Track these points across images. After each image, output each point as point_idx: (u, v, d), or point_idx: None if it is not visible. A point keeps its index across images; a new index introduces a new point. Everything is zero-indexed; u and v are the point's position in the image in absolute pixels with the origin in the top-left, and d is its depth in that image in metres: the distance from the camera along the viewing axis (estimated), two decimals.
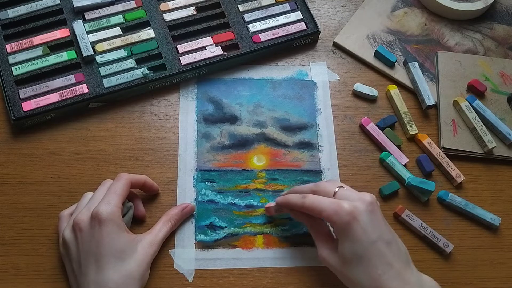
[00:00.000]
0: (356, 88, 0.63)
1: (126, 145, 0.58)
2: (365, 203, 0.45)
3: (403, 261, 0.45)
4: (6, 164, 0.55)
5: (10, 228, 0.52)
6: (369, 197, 0.46)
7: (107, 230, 0.46)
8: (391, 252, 0.45)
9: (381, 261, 0.44)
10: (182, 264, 0.52)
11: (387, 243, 0.45)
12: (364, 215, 0.45)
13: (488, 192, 0.59)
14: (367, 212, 0.45)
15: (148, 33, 0.62)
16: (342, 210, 0.45)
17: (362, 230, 0.44)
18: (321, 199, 0.47)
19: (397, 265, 0.44)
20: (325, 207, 0.46)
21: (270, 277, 0.52)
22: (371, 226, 0.44)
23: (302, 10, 0.66)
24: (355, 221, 0.44)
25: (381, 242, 0.44)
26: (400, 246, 0.46)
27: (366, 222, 0.44)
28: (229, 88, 0.62)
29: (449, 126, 0.61)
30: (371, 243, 0.44)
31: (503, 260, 0.56)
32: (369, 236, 0.44)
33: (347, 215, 0.44)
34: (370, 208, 0.45)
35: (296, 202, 0.49)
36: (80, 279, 0.46)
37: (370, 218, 0.45)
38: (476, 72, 0.65)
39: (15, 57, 0.59)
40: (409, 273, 0.45)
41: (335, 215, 0.45)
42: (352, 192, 0.48)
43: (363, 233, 0.44)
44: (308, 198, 0.47)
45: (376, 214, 0.46)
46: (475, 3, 0.69)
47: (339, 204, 0.45)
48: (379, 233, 0.45)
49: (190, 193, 0.56)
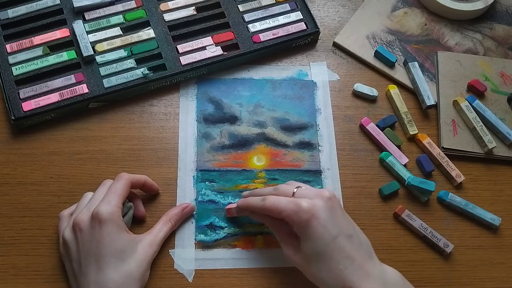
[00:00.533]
0: (356, 88, 0.63)
1: (126, 145, 0.58)
2: (323, 200, 0.45)
3: (365, 254, 0.45)
4: (6, 164, 0.55)
5: (10, 228, 0.52)
6: (327, 193, 0.46)
7: (107, 230, 0.46)
8: (352, 246, 0.45)
9: (342, 256, 0.44)
10: (182, 264, 0.52)
11: (348, 237, 0.45)
12: (323, 211, 0.45)
13: (488, 192, 0.59)
14: (326, 208, 0.45)
15: (148, 33, 0.62)
16: (301, 209, 0.45)
17: (322, 227, 0.44)
18: (280, 200, 0.47)
19: (359, 258, 0.44)
20: (284, 207, 0.46)
21: (270, 277, 0.52)
22: (331, 222, 0.45)
23: (302, 10, 0.66)
24: (314, 218, 0.44)
25: (342, 237, 0.44)
26: (361, 239, 0.46)
27: (325, 219, 0.44)
28: (229, 88, 0.62)
29: (449, 126, 0.61)
30: (331, 239, 0.44)
31: (503, 260, 0.56)
32: (329, 232, 0.44)
33: (306, 213, 0.44)
34: (328, 204, 0.45)
35: (256, 204, 0.49)
36: (80, 279, 0.46)
37: (329, 214, 0.45)
38: (476, 72, 0.65)
39: (15, 57, 0.59)
40: (371, 265, 0.45)
41: (294, 215, 0.45)
42: (310, 190, 0.48)
43: (323, 230, 0.44)
44: (268, 199, 0.47)
45: (335, 209, 0.46)
46: (475, 3, 0.69)
47: (297, 203, 0.45)
48: (339, 228, 0.45)
49: (190, 193, 0.56)
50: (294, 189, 0.48)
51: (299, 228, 0.45)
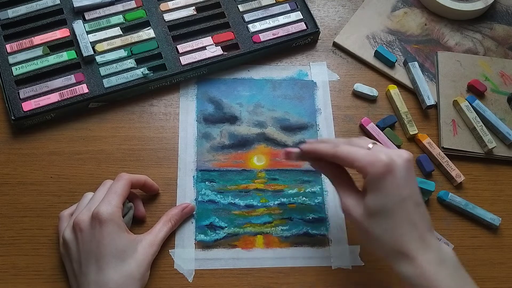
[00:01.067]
0: (356, 88, 0.63)
1: (126, 145, 0.58)
2: (402, 159, 0.44)
3: (427, 225, 0.44)
4: (6, 164, 0.55)
5: (10, 228, 0.52)
6: (407, 154, 0.45)
7: (108, 230, 0.46)
8: (418, 214, 0.44)
9: (406, 220, 0.43)
10: (182, 264, 0.52)
11: (416, 203, 0.44)
12: (400, 169, 0.43)
13: (488, 192, 0.59)
14: (403, 167, 0.44)
15: (148, 33, 0.62)
16: (379, 161, 0.43)
17: (396, 185, 0.43)
18: (357, 149, 0.45)
19: (421, 227, 0.43)
20: (360, 157, 0.44)
21: (270, 277, 0.52)
22: (405, 182, 0.43)
23: (302, 10, 0.66)
24: (390, 174, 0.43)
25: (411, 201, 0.43)
26: (425, 211, 0.45)
27: (401, 177, 0.43)
28: (229, 88, 0.62)
29: (449, 126, 0.61)
30: (401, 199, 0.43)
31: (503, 260, 0.56)
32: (401, 191, 0.43)
33: (384, 166, 0.43)
34: (407, 165, 0.44)
35: (327, 150, 0.47)
36: (81, 279, 0.46)
37: (405, 174, 0.44)
38: (476, 72, 0.65)
39: (15, 57, 0.59)
40: (430, 237, 0.44)
41: (370, 166, 0.43)
42: (388, 149, 0.46)
43: (396, 188, 0.43)
44: (342, 147, 0.46)
45: (411, 172, 0.44)
46: (475, 3, 0.69)
47: (376, 155, 0.44)
48: (410, 192, 0.44)
49: (190, 193, 0.56)
50: (370, 144, 0.46)
51: (372, 180, 0.44)
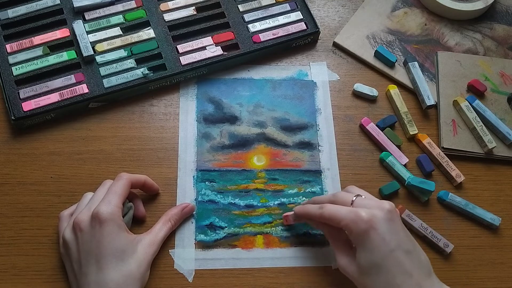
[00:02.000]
0: (356, 88, 0.63)
1: (126, 145, 0.58)
2: (383, 211, 0.45)
3: (424, 271, 0.44)
4: (6, 164, 0.55)
5: (10, 228, 0.52)
6: (388, 205, 0.46)
7: (108, 230, 0.46)
8: (411, 262, 0.44)
9: (399, 271, 0.43)
10: (182, 264, 0.52)
11: (407, 252, 0.44)
12: (382, 223, 0.44)
13: (488, 192, 0.59)
14: (386, 220, 0.44)
15: (148, 33, 0.62)
16: (360, 218, 0.44)
17: (380, 239, 0.43)
18: (339, 208, 0.46)
19: (417, 275, 0.43)
20: (343, 216, 0.45)
21: (270, 277, 0.52)
22: (390, 234, 0.44)
23: (302, 10, 0.66)
24: (372, 229, 0.44)
25: (400, 251, 0.44)
26: (420, 256, 0.45)
27: (384, 231, 0.44)
28: (229, 88, 0.62)
29: (449, 126, 0.61)
30: (389, 251, 0.43)
31: (503, 260, 0.56)
32: (387, 244, 0.43)
33: (365, 223, 0.44)
34: (388, 216, 0.45)
35: (314, 212, 0.48)
36: (81, 279, 0.46)
37: (389, 226, 0.44)
38: (476, 72, 0.65)
39: (15, 57, 0.59)
40: (429, 283, 0.44)
41: (353, 224, 0.44)
42: (371, 200, 0.47)
43: (381, 242, 0.43)
44: (326, 208, 0.47)
45: (395, 222, 0.45)
46: (475, 3, 0.69)
47: (357, 212, 0.45)
48: (397, 242, 0.44)
49: (190, 193, 0.56)
50: (353, 197, 0.47)
51: (357, 238, 0.45)
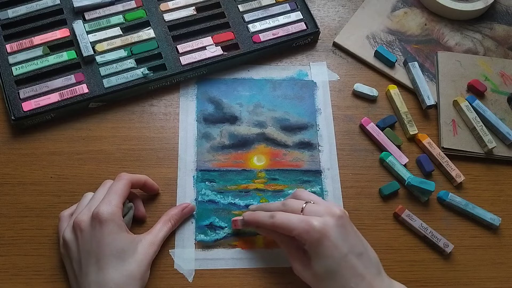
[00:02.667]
0: (356, 88, 0.63)
1: (126, 145, 0.58)
2: (334, 218, 0.45)
3: (374, 271, 0.45)
4: (6, 164, 0.55)
5: (10, 228, 0.52)
6: (338, 211, 0.46)
7: (108, 230, 0.46)
8: (362, 264, 0.45)
9: (352, 274, 0.44)
10: (182, 264, 0.52)
11: (358, 255, 0.45)
12: (334, 230, 0.45)
13: (488, 192, 0.59)
14: (337, 226, 0.45)
15: (148, 33, 0.62)
16: (312, 228, 0.44)
17: (333, 246, 0.44)
18: (291, 218, 0.46)
19: (368, 276, 0.45)
20: (295, 226, 0.45)
21: (270, 277, 0.52)
22: (342, 240, 0.45)
23: (302, 10, 0.66)
24: (325, 237, 0.44)
25: (352, 255, 0.44)
26: (370, 256, 0.46)
27: (337, 237, 0.44)
28: (229, 88, 0.62)
29: (449, 126, 0.61)
30: (342, 257, 0.44)
31: (503, 260, 0.56)
32: (340, 250, 0.44)
33: (317, 232, 0.44)
34: (339, 222, 0.45)
35: (265, 221, 0.48)
36: (81, 279, 0.46)
37: (340, 232, 0.45)
38: (476, 72, 0.65)
39: (15, 57, 0.59)
40: (379, 282, 0.45)
41: (305, 233, 0.45)
42: (320, 206, 0.47)
43: (334, 249, 0.44)
44: (277, 217, 0.47)
45: (345, 227, 0.46)
46: (475, 3, 0.69)
47: (309, 222, 0.45)
48: (349, 246, 0.45)
49: (190, 193, 0.56)
50: (303, 205, 0.47)
51: (310, 246, 0.45)
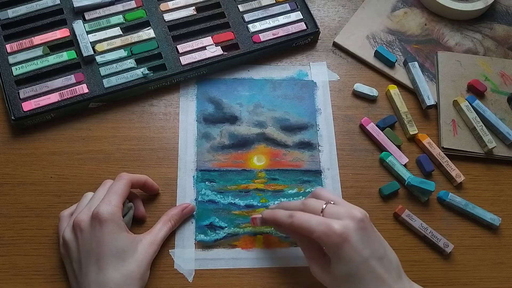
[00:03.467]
0: (356, 88, 0.63)
1: (126, 145, 0.58)
2: (355, 221, 0.44)
3: (395, 274, 0.45)
4: (6, 164, 0.55)
5: (10, 228, 0.52)
6: (359, 214, 0.45)
7: (108, 230, 0.46)
8: (383, 267, 0.44)
9: (373, 278, 0.44)
10: (182, 264, 0.52)
11: (379, 258, 0.44)
12: (355, 234, 0.44)
13: (488, 192, 0.59)
14: (358, 230, 0.44)
15: (148, 33, 0.62)
16: (332, 232, 0.43)
17: (354, 250, 0.43)
18: (310, 219, 0.45)
19: (389, 279, 0.44)
20: (314, 228, 0.44)
21: (270, 277, 0.52)
22: (362, 244, 0.44)
23: (302, 10, 0.66)
24: (346, 242, 0.43)
25: (373, 259, 0.44)
26: (391, 259, 0.46)
27: (357, 241, 0.44)
28: (229, 88, 0.62)
29: (449, 126, 0.61)
30: (363, 261, 0.43)
31: (503, 260, 0.56)
32: (361, 254, 0.43)
33: (338, 236, 0.43)
34: (360, 225, 0.44)
35: (284, 220, 0.47)
36: (81, 279, 0.46)
37: (361, 236, 0.44)
38: (476, 72, 0.65)
39: (15, 57, 0.59)
40: (400, 285, 0.45)
41: (325, 237, 0.44)
42: (341, 208, 0.46)
43: (355, 253, 0.43)
44: (296, 217, 0.46)
45: (367, 231, 0.45)
46: (475, 3, 0.69)
47: (329, 225, 0.44)
48: (370, 250, 0.44)
49: (190, 193, 0.56)
50: (323, 205, 0.46)
51: (330, 250, 0.44)
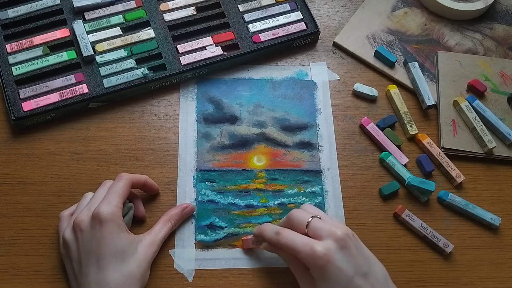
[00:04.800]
0: (356, 88, 0.63)
1: (126, 145, 0.58)
2: (337, 241, 0.44)
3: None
4: (6, 164, 0.55)
5: (10, 228, 0.52)
6: (339, 232, 0.44)
7: (108, 230, 0.46)
8: (369, 284, 0.44)
9: None
10: (182, 264, 0.52)
11: (363, 275, 0.44)
12: (338, 254, 0.43)
13: (488, 192, 0.59)
14: (340, 249, 0.44)
15: (148, 33, 0.62)
16: (315, 254, 0.43)
17: (338, 270, 0.43)
18: (295, 239, 0.45)
19: None
20: (299, 249, 0.44)
21: (270, 277, 0.52)
22: (346, 263, 0.43)
23: (302, 10, 0.66)
24: (329, 263, 0.43)
25: (358, 277, 0.44)
26: (377, 273, 0.45)
27: (341, 261, 0.43)
28: (229, 88, 0.62)
29: (449, 126, 0.61)
30: (348, 280, 0.43)
31: (503, 260, 0.56)
32: (345, 274, 0.43)
33: (320, 259, 0.43)
34: (342, 244, 0.44)
35: (271, 236, 0.47)
36: (81, 279, 0.46)
37: (343, 255, 0.44)
38: (476, 72, 0.65)
39: (15, 57, 0.59)
40: None
41: (309, 258, 0.44)
42: (325, 224, 0.46)
43: (339, 273, 0.43)
44: (282, 235, 0.46)
45: (350, 249, 0.44)
46: (475, 3, 0.69)
47: (312, 247, 0.44)
48: (354, 268, 0.44)
49: (190, 193, 0.56)
50: (309, 218, 0.46)
51: (315, 272, 0.44)
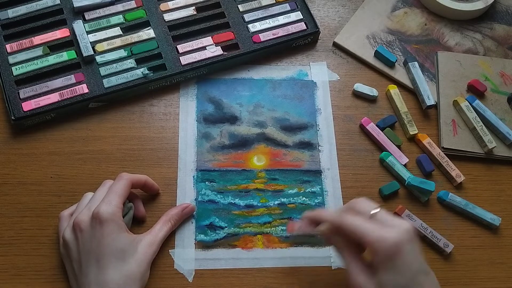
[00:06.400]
0: (356, 88, 0.63)
1: (126, 145, 0.58)
2: (408, 233, 0.43)
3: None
4: (6, 164, 0.55)
5: (10, 228, 0.52)
6: (410, 225, 0.44)
7: (108, 230, 0.46)
8: (430, 283, 0.43)
9: None
10: (182, 264, 0.52)
11: (426, 273, 0.43)
12: (408, 246, 0.42)
13: (488, 192, 0.59)
14: (410, 242, 0.43)
15: (148, 33, 0.62)
16: (388, 239, 0.42)
17: (406, 262, 0.42)
18: (362, 222, 0.43)
19: None
20: (368, 232, 0.42)
21: (270, 277, 0.52)
22: (413, 257, 0.42)
23: (302, 10, 0.66)
24: (399, 252, 0.42)
25: (422, 274, 0.43)
26: (434, 276, 0.44)
27: (410, 254, 0.42)
28: (229, 88, 0.62)
29: (449, 126, 0.61)
30: (413, 275, 0.42)
31: (503, 260, 0.56)
32: (411, 268, 0.42)
33: (393, 246, 0.41)
34: (412, 237, 0.43)
35: (333, 218, 0.45)
36: (81, 279, 0.46)
37: (412, 248, 0.43)
38: (476, 72, 0.65)
39: (15, 57, 0.59)
40: None
41: (378, 244, 0.42)
42: (391, 218, 0.44)
43: (407, 265, 0.42)
44: (347, 217, 0.44)
45: (416, 243, 0.44)
46: (475, 3, 0.69)
47: (383, 234, 0.42)
48: (419, 264, 0.43)
49: (190, 193, 0.56)
50: (372, 211, 0.44)
51: (382, 258, 0.42)
